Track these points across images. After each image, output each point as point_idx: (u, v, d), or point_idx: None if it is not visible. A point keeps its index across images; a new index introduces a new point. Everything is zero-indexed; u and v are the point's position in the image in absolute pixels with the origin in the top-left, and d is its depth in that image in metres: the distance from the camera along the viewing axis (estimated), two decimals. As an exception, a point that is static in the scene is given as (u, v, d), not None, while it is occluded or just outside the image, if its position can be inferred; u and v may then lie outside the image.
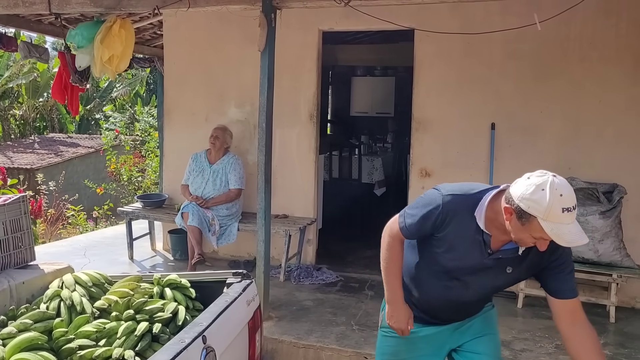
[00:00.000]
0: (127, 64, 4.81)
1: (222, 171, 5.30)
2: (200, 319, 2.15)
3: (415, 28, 4.87)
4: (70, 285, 2.45)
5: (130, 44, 4.67)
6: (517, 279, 2.17)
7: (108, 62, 4.55)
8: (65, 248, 6.34)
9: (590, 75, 4.61)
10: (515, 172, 4.92)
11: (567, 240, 1.80)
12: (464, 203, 2.03)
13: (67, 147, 16.30)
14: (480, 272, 2.09)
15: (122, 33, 4.53)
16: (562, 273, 2.03)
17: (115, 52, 4.50)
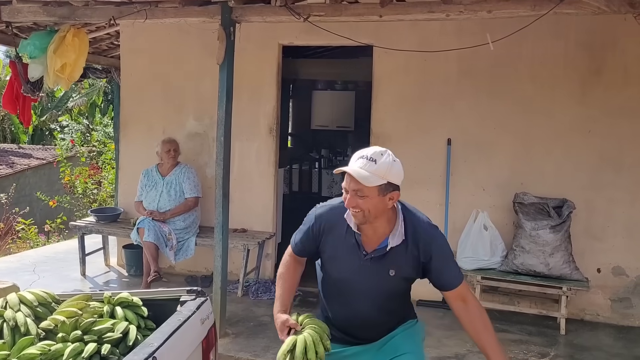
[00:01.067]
0: (80, 72, 4.72)
1: (175, 181, 5.23)
2: (152, 339, 2.09)
3: (373, 44, 4.94)
4: (15, 305, 2.34)
5: (83, 52, 4.59)
6: (407, 280, 2.22)
7: (60, 70, 4.45)
8: (14, 264, 6.11)
9: (541, 93, 4.77)
10: (470, 187, 5.08)
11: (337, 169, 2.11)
12: (334, 211, 2.20)
13: (19, 158, 15.75)
14: (364, 278, 2.15)
15: (75, 42, 4.46)
16: (445, 266, 2.16)
17: (67, 60, 4.41)
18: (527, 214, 4.48)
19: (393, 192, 2.04)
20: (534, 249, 4.38)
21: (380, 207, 2.03)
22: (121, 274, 5.76)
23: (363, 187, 1.99)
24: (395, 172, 2.04)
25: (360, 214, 2.04)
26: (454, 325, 4.52)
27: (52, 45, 4.44)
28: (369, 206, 2.01)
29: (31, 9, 4.35)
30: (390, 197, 2.04)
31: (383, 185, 2.00)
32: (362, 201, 2.00)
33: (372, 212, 2.03)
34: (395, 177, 2.04)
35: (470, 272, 4.65)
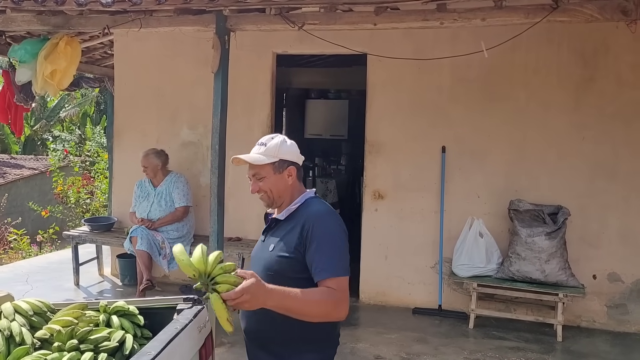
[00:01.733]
0: (70, 80, 4.71)
1: (166, 191, 5.21)
2: (149, 347, 2.06)
3: (367, 53, 4.96)
4: (9, 315, 2.31)
5: (75, 61, 4.57)
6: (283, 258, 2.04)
7: (50, 76, 4.42)
8: (6, 274, 6.05)
9: (534, 101, 4.80)
10: (465, 194, 5.10)
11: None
12: None
13: (10, 169, 15.64)
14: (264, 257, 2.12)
15: (67, 50, 4.45)
16: (317, 253, 1.97)
17: (58, 67, 4.39)
18: (522, 221, 4.49)
19: (289, 168, 2.09)
20: (529, 256, 4.38)
21: (281, 185, 2.09)
22: (115, 284, 5.71)
23: (258, 169, 2.08)
24: (286, 149, 2.11)
25: (265, 197, 2.11)
26: (451, 332, 4.52)
27: (43, 51, 4.42)
28: (269, 186, 2.08)
29: (25, 18, 4.34)
30: (289, 174, 2.09)
31: (276, 162, 2.07)
32: (262, 183, 2.08)
33: (274, 191, 2.09)
34: (287, 154, 2.10)
35: (466, 279, 4.65)
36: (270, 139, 2.15)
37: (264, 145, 2.11)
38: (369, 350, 4.13)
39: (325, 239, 1.99)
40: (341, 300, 1.97)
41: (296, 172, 2.13)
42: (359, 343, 4.27)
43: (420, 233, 5.09)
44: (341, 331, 4.55)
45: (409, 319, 4.85)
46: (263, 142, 2.14)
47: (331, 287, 1.94)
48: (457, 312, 4.90)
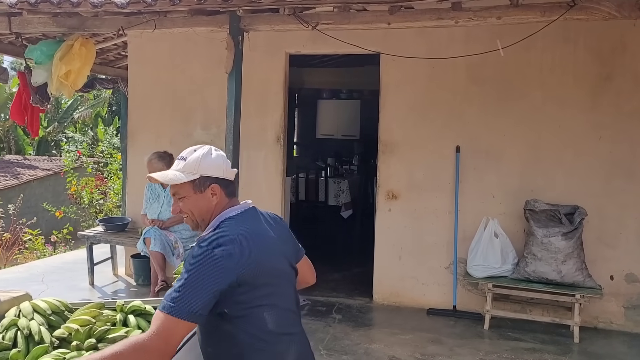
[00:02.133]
0: (84, 81, 4.74)
1: None
2: (166, 347, 2.06)
3: (381, 52, 4.94)
4: (28, 314, 2.33)
5: (89, 62, 4.60)
6: None
7: (64, 77, 4.46)
8: (22, 274, 6.10)
9: (550, 100, 4.75)
10: (479, 194, 5.06)
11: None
12: None
13: (24, 170, 15.80)
14: None
15: (82, 51, 4.48)
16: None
17: (72, 67, 4.43)
18: (538, 221, 4.45)
19: (212, 186, 1.84)
20: (545, 256, 4.34)
21: (203, 205, 1.85)
22: (129, 284, 5.74)
23: (177, 188, 1.86)
24: (207, 164, 1.85)
25: (188, 219, 1.90)
26: (466, 333, 4.49)
27: (58, 52, 4.46)
28: (190, 207, 1.86)
29: (41, 20, 4.37)
30: (212, 192, 1.84)
31: (196, 180, 1.83)
32: (183, 204, 1.86)
33: (195, 213, 1.86)
34: (210, 169, 1.85)
35: (481, 280, 4.62)
36: (192, 152, 1.88)
37: (183, 160, 1.87)
38: (384, 351, 4.11)
39: (185, 270, 1.68)
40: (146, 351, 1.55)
41: (221, 189, 1.86)
42: (373, 344, 4.25)
43: (434, 233, 5.06)
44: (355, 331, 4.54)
45: (424, 320, 4.82)
46: (183, 156, 1.88)
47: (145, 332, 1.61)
48: (472, 312, 4.86)
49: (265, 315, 1.75)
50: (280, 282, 1.84)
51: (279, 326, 1.78)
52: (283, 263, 1.88)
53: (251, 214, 1.88)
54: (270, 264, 1.81)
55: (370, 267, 5.30)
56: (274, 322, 1.76)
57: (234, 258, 1.68)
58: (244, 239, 1.74)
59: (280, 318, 1.79)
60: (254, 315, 1.74)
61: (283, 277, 1.86)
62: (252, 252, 1.73)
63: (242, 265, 1.69)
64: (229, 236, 1.73)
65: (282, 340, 1.79)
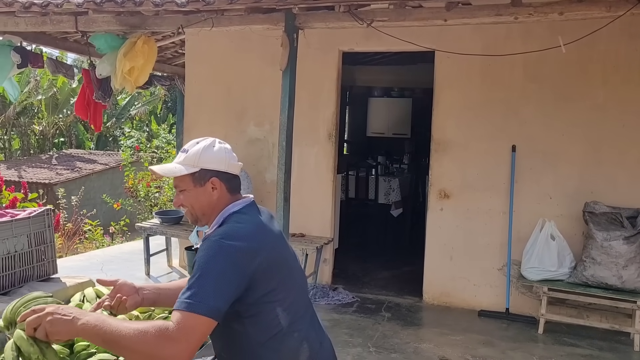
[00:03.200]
0: (146, 78, 4.90)
1: None
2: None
3: (436, 49, 4.88)
4: (92, 299, 2.43)
5: (151, 59, 4.76)
6: None
7: (128, 73, 4.63)
8: (83, 262, 6.37)
9: (613, 99, 4.57)
10: (535, 195, 4.92)
11: None
12: None
13: (84, 163, 16.49)
14: None
15: (145, 49, 4.63)
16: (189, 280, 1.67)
17: (136, 64, 4.59)
18: (598, 224, 4.29)
19: (212, 179, 1.78)
20: (605, 261, 4.18)
21: (204, 199, 1.79)
22: (183, 275, 5.90)
23: (178, 180, 1.81)
24: (208, 157, 1.79)
25: (188, 213, 1.85)
26: (519, 337, 4.39)
27: (122, 48, 4.63)
28: (190, 201, 1.80)
29: (105, 18, 4.54)
30: (213, 186, 1.79)
31: (196, 173, 1.78)
32: (184, 197, 1.81)
33: (195, 207, 1.81)
34: (211, 162, 1.79)
35: (536, 283, 4.50)
36: (194, 144, 1.83)
37: (185, 152, 1.82)
38: (433, 351, 4.07)
39: (200, 264, 1.60)
40: (175, 340, 1.47)
41: (222, 183, 1.80)
42: (422, 343, 4.22)
43: (487, 234, 4.96)
44: (405, 330, 4.51)
45: (475, 321, 4.74)
46: (185, 148, 1.84)
47: (170, 321, 1.50)
48: (526, 316, 4.74)
49: (278, 311, 1.69)
50: (292, 274, 1.78)
51: (292, 322, 1.72)
52: (291, 255, 1.83)
53: (254, 208, 1.83)
54: (281, 256, 1.75)
55: (420, 266, 5.25)
56: (287, 317, 1.70)
57: (247, 252, 1.61)
58: (253, 232, 1.69)
59: (292, 313, 1.73)
60: (266, 312, 1.67)
61: (294, 270, 1.80)
62: (263, 245, 1.66)
63: (256, 258, 1.62)
64: (239, 230, 1.67)
65: (295, 337, 1.72)
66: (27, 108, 18.75)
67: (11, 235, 2.41)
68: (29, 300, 1.82)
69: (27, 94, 17.61)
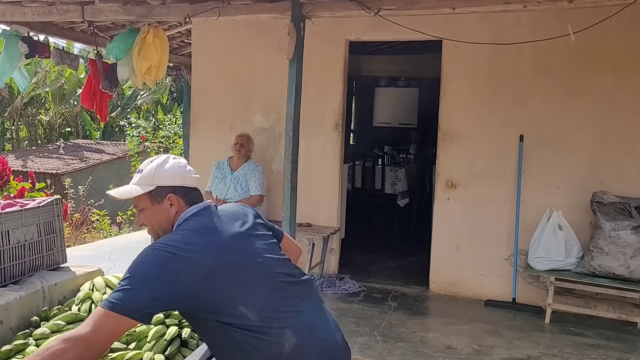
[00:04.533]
0: (164, 71, 4.94)
1: (242, 178, 5.31)
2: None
3: (443, 38, 4.85)
4: (101, 288, 2.46)
5: (165, 52, 4.79)
6: None
7: (147, 72, 4.67)
8: (91, 252, 6.41)
9: (623, 88, 4.54)
10: (544, 185, 4.90)
11: None
12: None
13: (91, 153, 16.56)
14: None
15: (156, 42, 4.64)
16: None
17: (152, 62, 4.62)
18: (606, 214, 4.27)
19: (169, 196, 1.83)
20: (613, 251, 4.17)
21: (162, 215, 1.84)
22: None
23: (137, 200, 1.85)
24: (161, 174, 1.84)
25: (150, 230, 1.89)
26: (525, 326, 4.39)
27: (135, 47, 4.65)
28: (149, 219, 1.85)
29: (112, 8, 4.53)
30: (170, 202, 1.83)
31: (152, 191, 1.83)
32: (143, 215, 1.86)
33: (155, 224, 1.85)
34: (165, 179, 1.84)
35: (543, 272, 4.49)
36: (147, 163, 1.89)
37: (139, 173, 1.88)
38: (440, 340, 4.08)
39: (128, 269, 1.71)
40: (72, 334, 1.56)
41: (178, 198, 1.84)
42: (429, 332, 4.23)
43: (494, 224, 4.95)
44: (411, 319, 4.52)
45: (481, 311, 4.75)
46: (140, 168, 1.90)
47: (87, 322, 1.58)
48: (532, 306, 4.75)
49: (242, 310, 1.69)
50: (252, 275, 1.76)
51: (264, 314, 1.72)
52: (244, 253, 1.80)
53: (207, 212, 1.84)
54: (230, 260, 1.74)
55: (427, 256, 5.26)
56: (256, 311, 1.70)
57: (178, 260, 1.64)
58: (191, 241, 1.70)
59: (261, 307, 1.72)
60: (230, 313, 1.68)
61: (247, 267, 1.77)
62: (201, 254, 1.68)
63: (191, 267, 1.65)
64: (175, 239, 1.71)
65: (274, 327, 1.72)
66: (34, 98, 18.81)
67: (21, 225, 2.42)
68: None
69: (34, 84, 17.67)
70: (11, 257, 2.36)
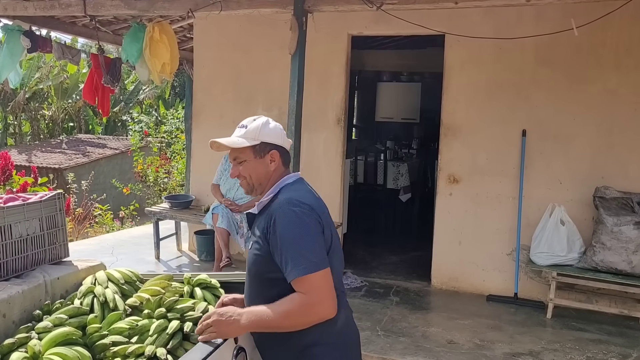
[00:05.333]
0: (177, 64, 5.07)
1: None
2: (232, 319, 2.13)
3: (446, 33, 4.83)
4: (103, 282, 2.46)
5: (174, 45, 4.87)
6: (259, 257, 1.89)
7: (162, 70, 4.73)
8: (93, 246, 6.43)
9: (626, 83, 4.52)
10: (545, 179, 4.89)
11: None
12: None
13: (94, 148, 16.57)
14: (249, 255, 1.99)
15: (164, 38, 4.69)
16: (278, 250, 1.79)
17: (164, 59, 4.69)
18: (608, 209, 4.26)
19: (272, 152, 1.94)
20: (615, 246, 4.16)
21: (261, 170, 1.95)
22: (192, 259, 5.94)
23: (238, 152, 1.96)
24: (268, 131, 1.96)
25: (244, 182, 1.99)
26: (527, 321, 4.39)
27: (146, 49, 4.72)
28: (249, 171, 1.95)
29: (113, 2, 4.53)
30: (271, 158, 1.95)
31: (257, 146, 1.93)
32: (242, 167, 1.96)
33: (253, 177, 1.96)
34: (270, 137, 1.95)
35: (545, 268, 4.49)
36: (251, 120, 2.00)
37: (244, 128, 1.98)
38: (442, 335, 4.08)
39: (285, 233, 1.77)
40: (315, 303, 1.73)
41: (279, 156, 1.97)
42: (430, 327, 4.23)
43: (496, 219, 4.95)
44: (413, 314, 4.52)
45: (483, 306, 4.75)
46: (244, 124, 2.00)
47: (300, 291, 1.73)
48: (534, 301, 4.75)
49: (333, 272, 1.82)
50: (336, 243, 1.92)
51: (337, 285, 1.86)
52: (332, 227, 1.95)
53: (304, 183, 2.01)
54: (331, 224, 1.92)
55: (429, 251, 5.26)
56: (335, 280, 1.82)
57: (313, 210, 1.81)
58: (311, 198, 1.89)
59: (336, 279, 1.86)
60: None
61: (335, 239, 1.92)
62: (320, 210, 1.86)
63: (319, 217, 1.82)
64: (299, 196, 1.85)
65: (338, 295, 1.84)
66: (37, 93, 18.82)
67: (23, 219, 2.43)
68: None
69: (37, 79, 17.68)
70: (13, 251, 2.37)
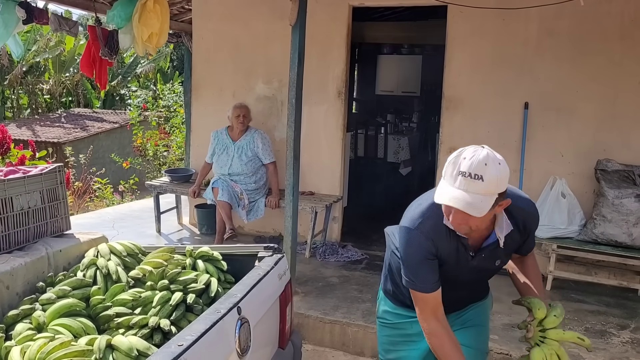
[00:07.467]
0: (165, 38, 4.91)
1: (247, 146, 5.24)
2: (235, 290, 2.14)
3: (449, 3, 4.75)
4: (106, 255, 2.47)
5: (166, 18, 4.73)
6: (503, 264, 2.20)
7: (148, 40, 4.61)
8: (94, 220, 6.44)
9: (631, 55, 4.46)
10: (548, 153, 4.87)
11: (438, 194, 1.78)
12: (431, 220, 1.94)
13: (92, 122, 16.48)
14: (470, 274, 2.10)
15: (157, 8, 4.58)
16: (529, 239, 2.13)
17: (153, 29, 4.57)
18: (610, 182, 4.26)
19: (504, 201, 1.80)
20: (616, 218, 4.17)
21: (488, 217, 1.83)
22: (193, 232, 5.96)
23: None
24: (503, 177, 1.73)
25: (466, 228, 1.85)
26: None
27: (136, 14, 4.58)
28: (477, 223, 1.81)
29: (110, -28, 4.45)
30: (500, 205, 1.81)
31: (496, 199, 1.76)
32: (472, 219, 1.77)
33: (480, 226, 1.86)
34: (505, 184, 1.76)
35: (545, 240, 4.50)
36: (484, 166, 1.68)
37: (480, 180, 1.67)
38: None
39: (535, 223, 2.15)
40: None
41: (508, 204, 1.85)
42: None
43: (497, 192, 4.93)
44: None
45: (483, 279, 4.77)
46: (477, 174, 1.67)
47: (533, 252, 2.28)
48: (534, 273, 4.77)
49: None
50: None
51: None
52: None
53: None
54: None
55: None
56: None
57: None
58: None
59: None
60: None
61: None
62: None
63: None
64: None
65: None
66: (34, 66, 18.63)
67: (24, 192, 2.42)
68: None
69: (34, 52, 17.48)
70: (15, 224, 2.36)
